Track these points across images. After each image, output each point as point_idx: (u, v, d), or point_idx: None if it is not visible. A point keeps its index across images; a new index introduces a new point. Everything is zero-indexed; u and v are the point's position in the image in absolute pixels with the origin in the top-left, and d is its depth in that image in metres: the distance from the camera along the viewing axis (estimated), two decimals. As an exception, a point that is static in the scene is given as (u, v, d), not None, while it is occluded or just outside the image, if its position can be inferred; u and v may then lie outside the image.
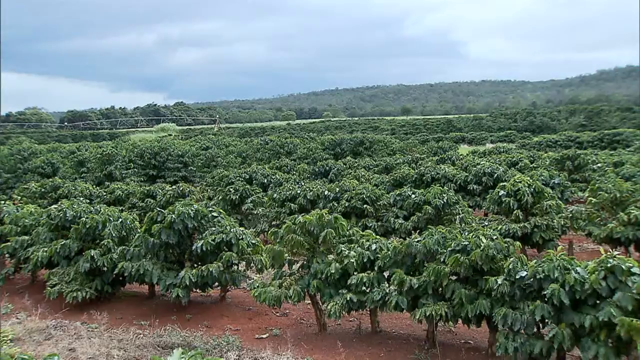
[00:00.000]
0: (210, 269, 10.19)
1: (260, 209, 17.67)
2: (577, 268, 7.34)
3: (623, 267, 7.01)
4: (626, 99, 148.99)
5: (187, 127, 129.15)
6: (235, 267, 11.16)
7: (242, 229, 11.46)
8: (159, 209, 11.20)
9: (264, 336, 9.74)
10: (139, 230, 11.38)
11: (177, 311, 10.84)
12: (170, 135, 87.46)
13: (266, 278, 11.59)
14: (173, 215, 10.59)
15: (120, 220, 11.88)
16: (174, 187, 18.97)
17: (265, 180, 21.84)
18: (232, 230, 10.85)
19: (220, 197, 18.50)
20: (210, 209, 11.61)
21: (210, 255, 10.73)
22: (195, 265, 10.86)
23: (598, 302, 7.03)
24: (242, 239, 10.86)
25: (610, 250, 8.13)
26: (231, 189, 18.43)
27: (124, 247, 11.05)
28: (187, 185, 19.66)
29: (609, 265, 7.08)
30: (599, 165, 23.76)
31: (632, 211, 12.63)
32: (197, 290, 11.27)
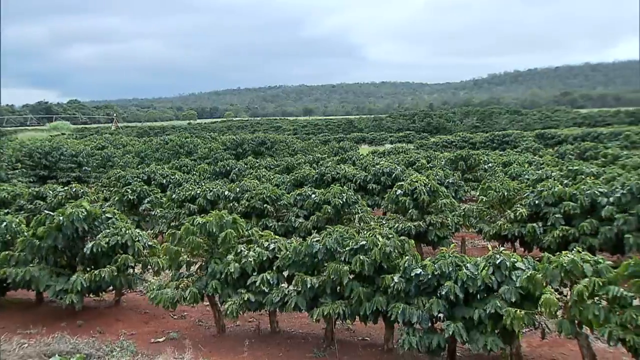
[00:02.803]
0: (104, 274, 9.79)
1: (158, 210, 17.21)
2: (468, 264, 7.71)
3: (508, 262, 7.44)
4: (514, 102, 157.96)
5: (83, 126, 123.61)
6: (131, 269, 10.80)
7: (138, 230, 11.08)
8: (47, 211, 10.64)
9: (161, 340, 9.48)
10: (25, 234, 10.71)
11: (67, 318, 10.31)
12: (64, 134, 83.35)
13: (164, 280, 11.27)
14: (62, 218, 10.09)
15: (5, 223, 11.13)
16: (66, 188, 18.08)
17: (165, 181, 21.32)
18: (127, 232, 10.46)
19: (116, 198, 17.85)
20: (104, 210, 11.19)
21: (104, 258, 10.31)
22: (88, 269, 10.37)
23: (486, 295, 7.40)
24: (139, 240, 10.51)
25: (497, 247, 8.58)
26: (128, 190, 17.84)
27: (7, 252, 10.37)
28: (81, 186, 18.79)
29: (496, 261, 7.49)
30: (489, 165, 24.87)
31: (518, 209, 13.35)
32: (90, 295, 10.81)
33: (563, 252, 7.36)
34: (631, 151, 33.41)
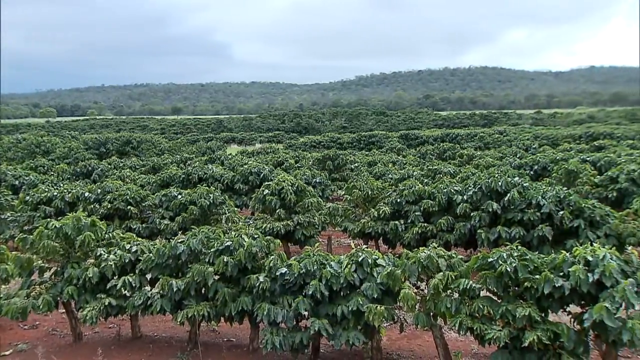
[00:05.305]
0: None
1: (9, 213, 16.02)
2: (332, 263, 7.84)
3: (369, 260, 7.67)
4: (380, 103, 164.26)
5: None
6: (-26, 279, 9.92)
7: (-17, 235, 10.25)
8: None
9: (7, 353, 8.80)
10: None
11: None
12: None
13: (13, 289, 10.47)
14: None
15: None
16: None
17: (17, 182, 19.95)
18: (-30, 237, 9.65)
19: (-41, 202, 16.41)
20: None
21: (-59, 268, 9.41)
22: None
23: (349, 292, 7.58)
24: (-17, 247, 9.70)
25: (360, 245, 8.81)
26: (-28, 192, 16.47)
27: None
28: None
29: (358, 258, 7.68)
30: (356, 164, 25.57)
31: (381, 207, 13.80)
32: None
33: (421, 248, 7.68)
34: (484, 151, 35.70)
